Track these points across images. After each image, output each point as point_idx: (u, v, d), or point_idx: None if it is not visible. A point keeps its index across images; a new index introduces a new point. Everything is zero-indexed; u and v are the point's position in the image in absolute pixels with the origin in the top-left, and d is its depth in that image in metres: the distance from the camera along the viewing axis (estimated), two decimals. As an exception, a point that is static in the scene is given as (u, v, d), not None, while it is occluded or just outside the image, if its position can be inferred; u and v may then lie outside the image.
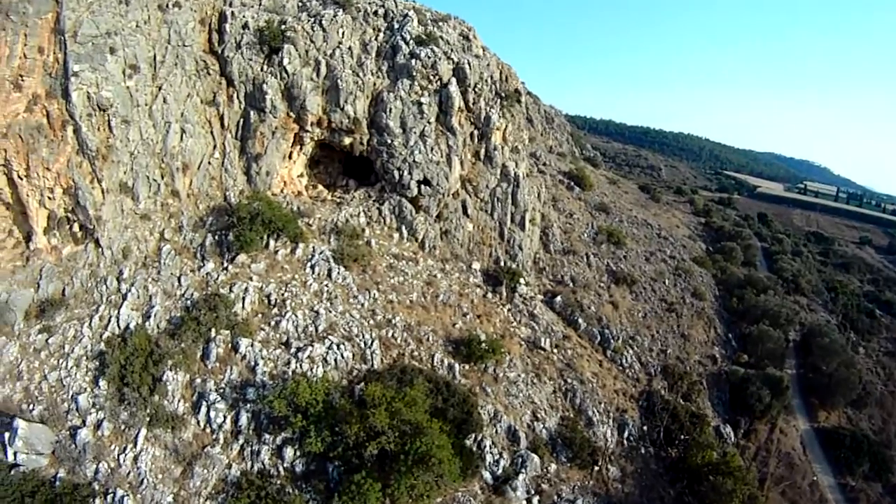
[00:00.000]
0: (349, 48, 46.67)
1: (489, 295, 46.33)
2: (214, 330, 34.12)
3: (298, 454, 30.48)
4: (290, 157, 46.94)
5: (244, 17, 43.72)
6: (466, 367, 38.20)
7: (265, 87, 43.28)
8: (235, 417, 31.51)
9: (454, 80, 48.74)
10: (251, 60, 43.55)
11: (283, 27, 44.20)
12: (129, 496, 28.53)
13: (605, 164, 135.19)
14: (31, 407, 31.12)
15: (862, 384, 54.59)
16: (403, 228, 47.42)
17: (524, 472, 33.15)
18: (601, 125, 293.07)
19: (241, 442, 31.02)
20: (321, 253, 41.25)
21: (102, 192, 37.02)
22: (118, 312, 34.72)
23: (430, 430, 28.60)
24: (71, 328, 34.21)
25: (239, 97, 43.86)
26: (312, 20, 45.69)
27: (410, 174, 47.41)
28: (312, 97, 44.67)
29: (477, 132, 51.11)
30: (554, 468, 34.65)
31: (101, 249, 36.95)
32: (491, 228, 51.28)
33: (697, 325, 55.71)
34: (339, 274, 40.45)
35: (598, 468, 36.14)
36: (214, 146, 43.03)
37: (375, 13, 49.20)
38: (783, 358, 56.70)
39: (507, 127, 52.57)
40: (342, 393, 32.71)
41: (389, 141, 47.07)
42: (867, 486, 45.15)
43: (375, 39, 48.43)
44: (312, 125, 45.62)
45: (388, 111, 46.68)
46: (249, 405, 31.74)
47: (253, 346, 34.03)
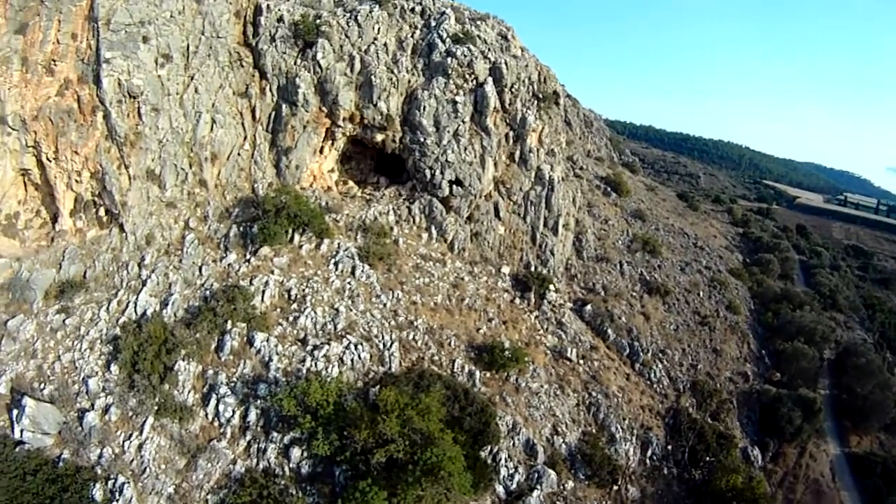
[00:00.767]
0: (384, 44, 45.86)
1: (517, 300, 44.71)
2: (231, 322, 33.49)
3: (305, 455, 29.46)
4: (321, 151, 46.33)
5: (280, 10, 43.34)
6: (488, 374, 36.69)
7: (298, 80, 42.76)
8: (244, 413, 30.72)
9: (490, 79, 47.44)
10: (285, 54, 43.12)
11: (318, 21, 43.64)
12: (129, 483, 28.08)
13: (643, 170, 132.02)
14: (42, 386, 31.11)
15: (898, 408, 51.23)
16: (433, 228, 46.25)
17: (539, 488, 31.41)
18: (640, 131, 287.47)
19: (248, 438, 30.21)
20: (346, 250, 40.38)
21: (129, 177, 37.00)
22: (136, 298, 34.51)
23: (441, 440, 27.17)
24: (88, 311, 34.14)
25: (271, 90, 43.47)
26: (348, 15, 45.07)
27: (442, 174, 46.25)
28: (345, 92, 43.98)
29: (512, 133, 49.64)
30: (571, 485, 32.79)
31: (124, 234, 36.96)
32: (523, 232, 49.67)
33: (731, 339, 53.21)
34: (363, 272, 39.47)
35: (617, 488, 34.18)
36: (245, 138, 42.70)
37: (412, 10, 48.30)
38: (817, 377, 54.13)
39: (543, 129, 50.94)
40: (356, 395, 31.60)
41: (422, 139, 46.02)
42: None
43: (411, 37, 47.52)
44: (344, 120, 44.90)
45: (421, 109, 45.65)
46: (260, 401, 30.91)
47: (268, 341, 33.26)
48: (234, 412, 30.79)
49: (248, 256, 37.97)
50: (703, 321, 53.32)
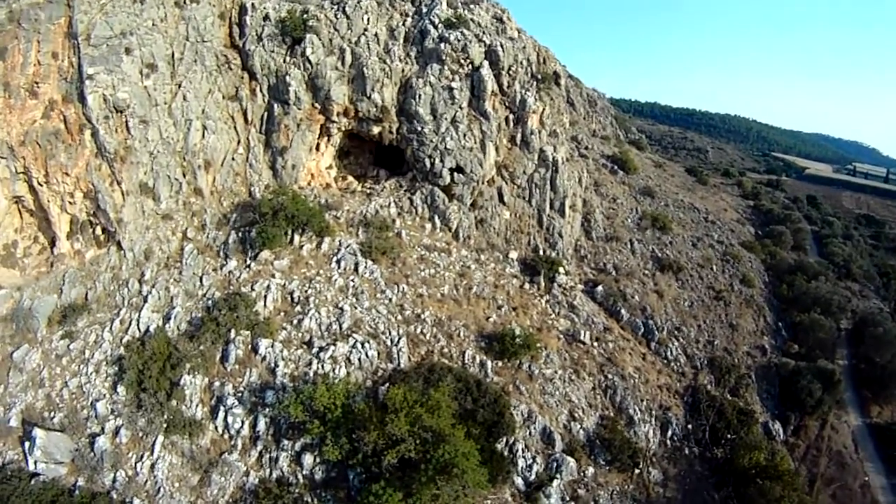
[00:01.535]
0: (375, 34, 44.85)
1: (526, 286, 43.66)
2: (234, 331, 32.99)
3: (318, 461, 28.92)
4: (317, 149, 45.61)
5: (265, 8, 42.59)
6: (499, 363, 35.79)
7: (288, 78, 42.02)
8: (253, 422, 30.25)
9: (486, 63, 46.23)
10: (273, 52, 42.36)
11: (304, 16, 42.78)
12: (145, 505, 27.76)
13: (650, 146, 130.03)
14: (52, 415, 30.85)
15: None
16: (436, 218, 45.33)
17: (559, 477, 30.61)
18: (646, 108, 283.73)
19: (259, 448, 29.76)
20: (348, 246, 39.66)
21: (122, 193, 36.62)
22: (139, 315, 34.15)
23: (452, 437, 26.37)
24: (92, 333, 33.86)
25: (262, 90, 42.79)
26: (336, 7, 44.16)
27: (442, 162, 45.23)
28: (337, 86, 43.10)
29: (512, 116, 48.42)
30: (591, 472, 31.85)
31: (122, 252, 36.67)
32: (529, 216, 48.53)
33: (746, 313, 51.77)
34: (366, 268, 38.74)
35: (638, 471, 33.21)
36: (238, 141, 42.16)
37: (402, -3, 47.20)
38: (835, 348, 52.90)
39: (544, 110, 49.60)
40: (366, 395, 30.98)
41: (419, 128, 45.01)
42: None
43: (403, 24, 46.44)
44: (339, 115, 44.07)
45: (417, 98, 44.59)
46: (268, 409, 30.39)
47: (273, 346, 32.72)
48: (242, 423, 30.33)
49: (248, 262, 37.44)
50: (717, 296, 51.96)
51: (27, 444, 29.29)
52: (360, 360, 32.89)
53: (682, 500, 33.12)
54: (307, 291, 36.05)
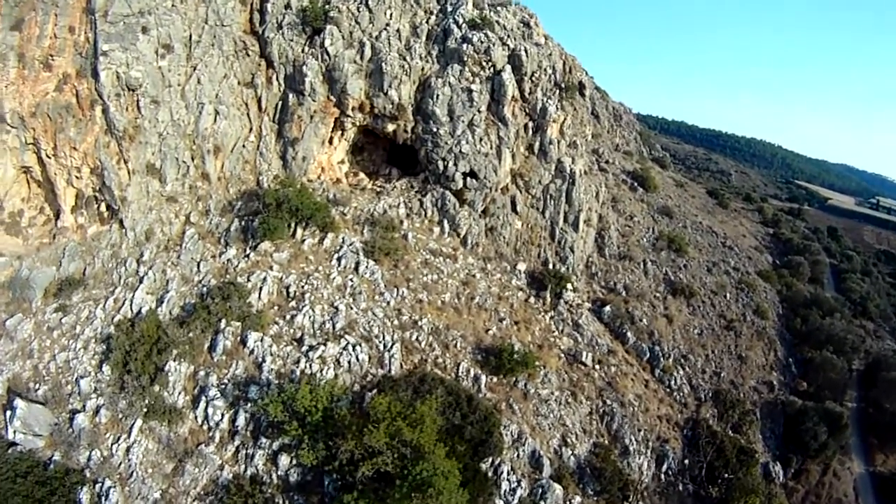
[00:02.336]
0: (397, 30, 43.95)
1: (531, 300, 42.41)
2: (225, 321, 32.27)
3: (294, 462, 28.03)
4: (330, 142, 44.89)
5: (287, -4, 41.90)
6: (494, 379, 34.61)
7: (305, 69, 41.30)
8: (234, 417, 29.47)
9: (508, 67, 45.11)
10: (292, 41, 41.70)
11: (326, 7, 42.04)
12: (116, 487, 27.32)
13: (673, 165, 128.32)
14: (37, 386, 30.59)
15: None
16: (445, 223, 44.27)
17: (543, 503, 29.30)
18: (672, 126, 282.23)
19: (236, 443, 28.98)
20: (350, 244, 38.80)
21: (128, 172, 36.25)
22: (133, 296, 33.67)
23: (432, 455, 25.26)
24: (85, 309, 33.52)
25: (279, 79, 42.17)
26: (358, 1, 43.27)
27: (456, 165, 44.18)
28: (354, 80, 42.29)
29: (532, 124, 47.22)
30: (578, 501, 30.42)
31: (124, 230, 36.24)
32: (541, 227, 47.27)
33: (757, 346, 50.15)
34: (367, 268, 37.81)
35: (628, 504, 31.78)
36: (250, 129, 41.58)
37: (427, -6, 46.25)
38: (844, 389, 51.54)
39: (565, 120, 48.32)
40: (351, 400, 29.99)
41: (435, 129, 44.00)
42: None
43: (426, 22, 45.52)
44: (354, 110, 43.26)
45: (434, 97, 43.59)
46: (250, 405, 29.58)
47: (262, 340, 31.91)
48: (222, 416, 29.60)
49: (247, 251, 36.75)
50: (728, 325, 50.42)
51: (9, 413, 29.02)
52: (349, 362, 31.94)
53: (669, 539, 31.68)
54: (303, 287, 35.23)
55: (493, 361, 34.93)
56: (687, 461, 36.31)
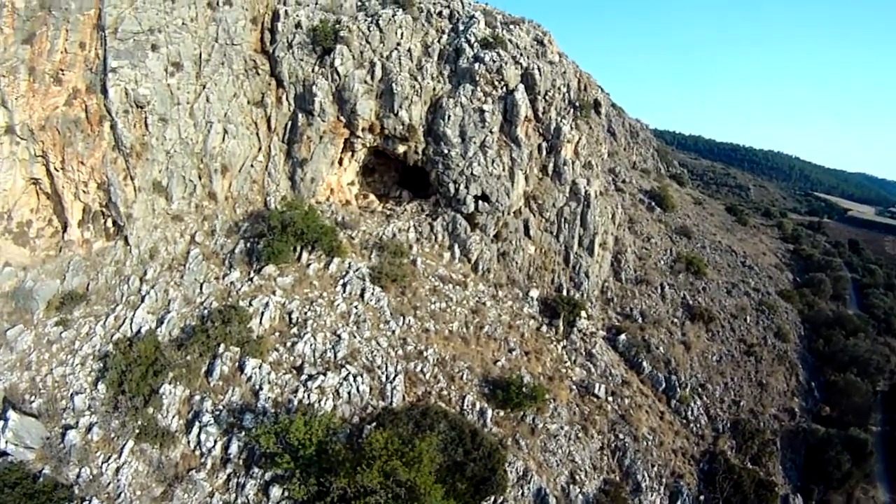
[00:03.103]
0: (408, 50, 43.27)
1: (543, 328, 41.02)
2: (223, 345, 31.40)
3: (286, 495, 26.83)
4: (340, 163, 44.17)
5: (297, 16, 41.50)
6: (501, 413, 33.20)
7: (315, 88, 40.75)
8: (226, 444, 28.46)
9: (521, 86, 44.09)
10: (302, 61, 41.21)
11: (336, 27, 41.52)
12: (101, 509, 26.33)
13: (691, 182, 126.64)
14: (32, 398, 30.11)
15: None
16: (456, 248, 43.17)
17: (547, 549, 27.81)
18: (689, 141, 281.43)
19: (228, 471, 27.90)
20: (356, 270, 37.82)
21: (135, 189, 35.82)
22: (133, 314, 33.08)
23: (428, 497, 23.98)
24: (86, 324, 33.05)
25: (288, 99, 41.66)
26: (369, 20, 42.77)
27: (467, 188, 43.18)
28: (364, 101, 41.61)
29: (546, 144, 46.10)
30: (586, 545, 28.93)
31: (129, 247, 35.77)
32: (555, 252, 45.98)
33: (778, 371, 48.26)
34: (372, 294, 36.78)
35: (639, 550, 30.11)
36: (259, 148, 41.04)
37: (439, 14, 45.62)
38: (869, 412, 49.26)
39: (580, 140, 47.18)
40: (349, 433, 28.87)
41: (446, 151, 43.11)
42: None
43: (438, 42, 44.77)
44: (364, 131, 42.55)
45: (446, 118, 42.74)
46: (244, 433, 28.58)
47: (261, 367, 30.94)
48: (215, 442, 28.62)
49: (251, 275, 35.98)
50: (748, 350, 48.68)
51: (2, 423, 28.45)
52: (349, 393, 30.81)
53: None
54: (306, 313, 34.28)
55: (500, 395, 33.50)
56: (702, 497, 34.56)
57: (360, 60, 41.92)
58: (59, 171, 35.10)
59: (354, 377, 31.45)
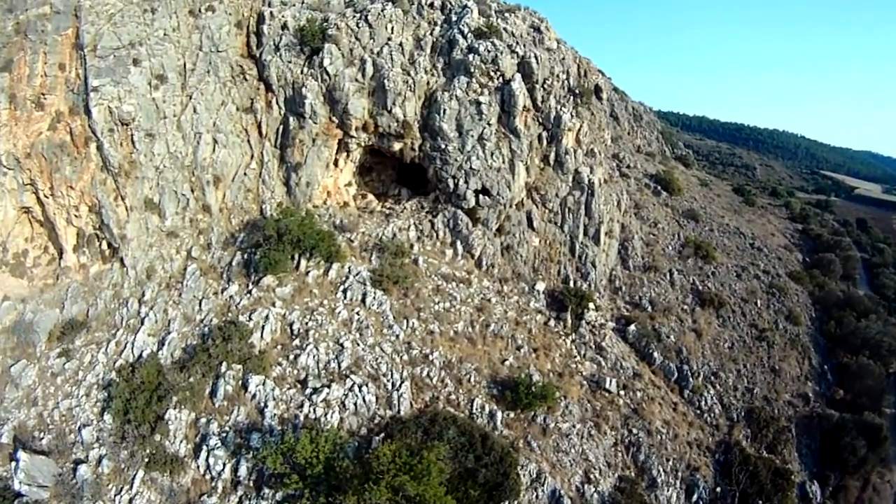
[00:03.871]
0: (400, 44, 42.08)
1: (551, 322, 40.15)
2: (226, 364, 30.86)
3: (298, 516, 26.45)
4: (335, 164, 43.26)
5: (283, 16, 40.44)
6: (511, 415, 32.51)
7: (304, 90, 39.71)
8: (235, 466, 28.02)
9: (518, 75, 42.80)
10: (290, 63, 40.17)
11: (324, 25, 40.40)
12: (117, 545, 26.03)
13: (697, 163, 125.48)
14: (41, 435, 29.65)
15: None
16: (458, 244, 42.27)
17: (565, 554, 27.21)
18: (694, 122, 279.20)
19: (239, 494, 27.43)
20: (357, 274, 37.08)
21: (126, 209, 35.21)
22: (134, 339, 32.57)
23: (438, 512, 23.45)
24: (88, 353, 32.59)
25: (278, 102, 40.70)
26: (358, 16, 41.61)
27: (467, 183, 42.20)
28: (356, 99, 40.54)
29: (546, 134, 44.87)
30: (603, 547, 28.31)
31: (125, 269, 35.19)
32: (560, 243, 44.96)
33: (790, 356, 47.27)
34: (374, 299, 36.05)
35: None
36: (252, 156, 40.20)
37: (431, 5, 44.32)
38: (882, 395, 48.54)
39: (581, 127, 45.85)
40: (356, 446, 28.32)
41: (443, 146, 42.07)
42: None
43: (430, 34, 43.50)
44: (357, 130, 41.54)
45: (441, 112, 41.62)
46: (252, 453, 28.13)
47: (265, 384, 30.37)
48: (224, 465, 28.17)
49: (250, 287, 35.33)
50: (760, 335, 47.69)
51: (13, 465, 28.10)
52: (355, 404, 30.22)
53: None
54: (307, 324, 33.62)
55: (509, 396, 32.76)
56: (719, 489, 33.83)
57: (349, 58, 40.83)
58: (48, 197, 34.49)
59: (360, 387, 30.83)
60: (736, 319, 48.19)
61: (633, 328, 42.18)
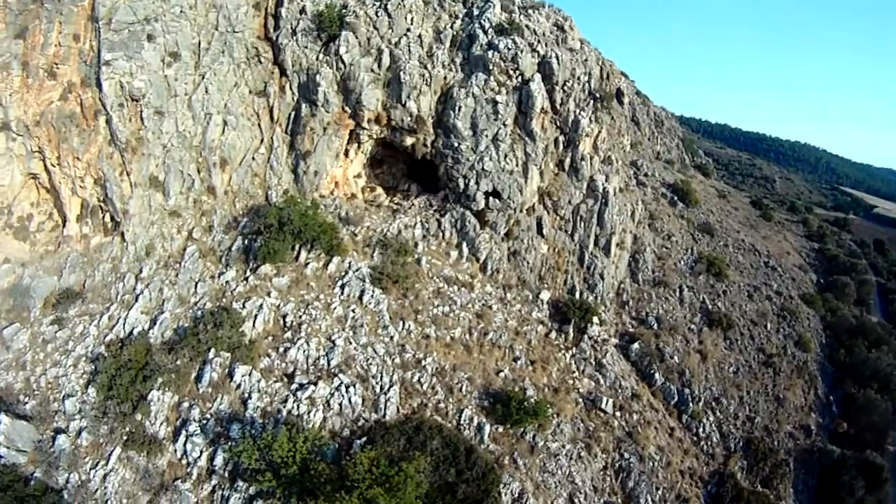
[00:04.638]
0: (419, 36, 41.09)
1: (552, 335, 39.21)
2: (214, 350, 30.53)
3: (270, 513, 26.08)
4: (346, 155, 42.54)
5: (302, 0, 39.54)
6: (500, 429, 31.71)
7: (318, 77, 38.95)
8: (212, 455, 27.72)
9: (538, 76, 41.62)
10: (307, 48, 39.43)
11: (342, 12, 39.55)
12: (89, 515, 25.95)
13: (716, 172, 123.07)
14: (26, 399, 29.66)
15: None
16: (464, 246, 41.42)
17: (538, 582, 26.55)
18: (716, 129, 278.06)
19: (213, 483, 27.17)
20: (356, 270, 36.48)
21: (131, 184, 34.90)
22: (127, 314, 32.37)
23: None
24: (80, 324, 32.44)
25: (292, 88, 40.02)
26: (377, 4, 40.60)
27: (477, 184, 41.28)
28: (370, 90, 39.72)
29: (563, 138, 43.69)
30: (580, 579, 27.59)
31: (125, 244, 34.96)
32: (569, 252, 43.89)
33: (796, 384, 45.87)
34: (372, 297, 35.44)
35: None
36: (261, 140, 39.64)
37: (453, -3, 43.13)
38: (887, 431, 46.91)
39: (599, 133, 44.56)
40: (336, 448, 27.86)
41: (456, 144, 41.13)
42: None
43: (451, 27, 42.42)
44: (369, 122, 40.75)
45: (456, 109, 40.65)
46: (229, 444, 27.78)
47: (251, 375, 30.00)
48: (201, 452, 27.91)
49: (247, 274, 34.92)
50: (767, 361, 46.40)
51: None
52: (341, 405, 29.70)
53: None
54: (301, 317, 33.15)
55: (499, 409, 31.94)
56: (707, 524, 32.94)
57: (366, 48, 39.95)
58: (55, 166, 34.29)
59: (347, 387, 30.30)
60: (744, 343, 46.78)
61: (636, 346, 41.03)
